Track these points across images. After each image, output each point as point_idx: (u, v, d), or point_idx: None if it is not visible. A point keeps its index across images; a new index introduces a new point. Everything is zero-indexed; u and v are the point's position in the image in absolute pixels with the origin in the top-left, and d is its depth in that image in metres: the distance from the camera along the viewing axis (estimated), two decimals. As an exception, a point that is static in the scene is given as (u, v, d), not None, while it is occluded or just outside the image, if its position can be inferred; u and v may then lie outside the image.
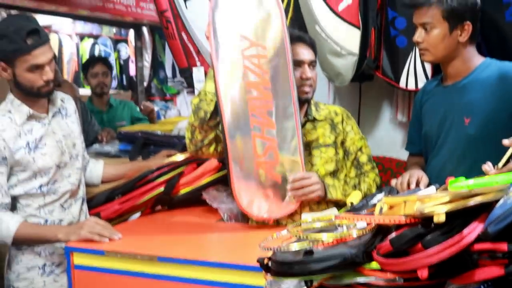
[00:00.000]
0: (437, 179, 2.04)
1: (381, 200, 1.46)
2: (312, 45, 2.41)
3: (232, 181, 2.20)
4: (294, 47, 2.32)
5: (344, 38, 2.75)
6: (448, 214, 1.21)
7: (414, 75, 2.68)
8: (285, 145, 2.26)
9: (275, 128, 2.24)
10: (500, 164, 1.74)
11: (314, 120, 2.44)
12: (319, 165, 2.37)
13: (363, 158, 2.47)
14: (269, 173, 2.24)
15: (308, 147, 2.38)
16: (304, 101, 2.38)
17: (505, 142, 1.74)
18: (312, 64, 2.38)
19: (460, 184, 1.41)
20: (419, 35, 2.17)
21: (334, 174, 2.39)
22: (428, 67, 2.63)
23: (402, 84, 2.74)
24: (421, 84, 2.65)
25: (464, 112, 2.15)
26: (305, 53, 2.36)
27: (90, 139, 3.47)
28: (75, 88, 3.76)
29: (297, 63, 2.33)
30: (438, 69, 2.53)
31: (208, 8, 2.18)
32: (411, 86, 2.71)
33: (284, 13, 2.26)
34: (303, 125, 2.39)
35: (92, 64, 4.42)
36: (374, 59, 2.76)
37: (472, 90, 2.15)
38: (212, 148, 2.35)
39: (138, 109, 4.64)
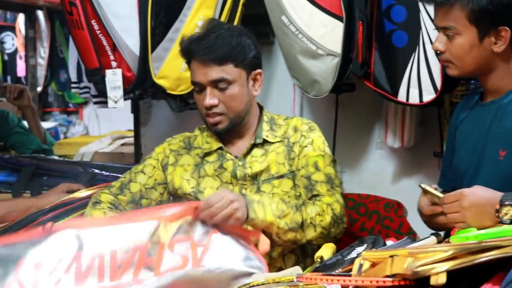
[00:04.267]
0: None
1: (360, 254, 1.50)
2: (220, 58, 2.35)
3: None
4: (191, 65, 2.40)
5: (321, 33, 2.78)
6: (450, 274, 1.24)
7: (417, 84, 2.71)
8: None
9: None
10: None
11: (264, 143, 2.45)
12: None
13: (318, 176, 2.41)
14: None
15: (256, 180, 2.41)
16: (218, 133, 2.43)
17: None
18: (219, 82, 2.35)
19: (466, 235, 1.46)
20: (439, 42, 2.18)
21: None
22: (437, 72, 2.65)
23: (401, 97, 2.77)
24: (427, 97, 2.70)
25: (500, 142, 2.15)
26: (202, 72, 2.37)
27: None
28: None
29: (196, 86, 2.40)
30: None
31: None
32: (414, 99, 2.74)
33: None
34: (249, 151, 2.43)
35: None
36: (362, 63, 2.79)
37: None
38: None
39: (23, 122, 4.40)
